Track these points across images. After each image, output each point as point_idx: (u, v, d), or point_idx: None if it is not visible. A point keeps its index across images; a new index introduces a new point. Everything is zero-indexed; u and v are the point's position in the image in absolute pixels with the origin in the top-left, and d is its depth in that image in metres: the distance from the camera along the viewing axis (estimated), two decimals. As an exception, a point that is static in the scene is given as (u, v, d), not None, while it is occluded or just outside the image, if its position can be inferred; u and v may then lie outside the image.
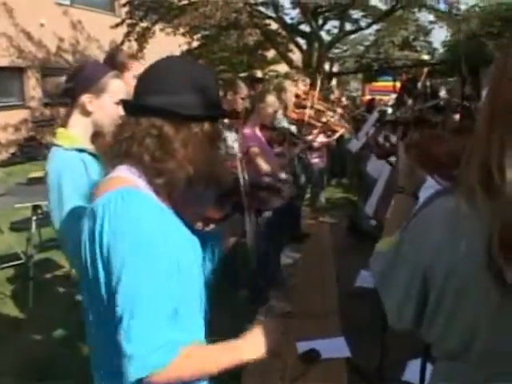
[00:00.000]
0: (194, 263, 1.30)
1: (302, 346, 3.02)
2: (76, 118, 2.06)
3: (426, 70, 8.94)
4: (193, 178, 1.24)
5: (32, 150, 13.47)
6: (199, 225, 1.40)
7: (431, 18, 14.86)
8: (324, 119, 6.81)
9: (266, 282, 3.91)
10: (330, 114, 7.74)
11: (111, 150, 1.27)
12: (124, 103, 1.34)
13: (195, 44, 15.91)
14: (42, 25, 14.32)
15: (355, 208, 6.71)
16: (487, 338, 0.93)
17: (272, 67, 20.20)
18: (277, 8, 13.87)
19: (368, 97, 19.42)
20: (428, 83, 9.04)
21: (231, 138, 4.35)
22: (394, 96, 19.98)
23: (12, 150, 13.77)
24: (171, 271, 1.15)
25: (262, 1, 11.07)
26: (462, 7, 13.46)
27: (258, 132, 4.29)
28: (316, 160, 6.65)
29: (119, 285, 1.09)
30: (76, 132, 2.05)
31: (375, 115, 5.46)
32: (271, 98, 4.40)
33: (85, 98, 2.02)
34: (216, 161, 1.35)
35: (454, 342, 0.99)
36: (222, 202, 1.50)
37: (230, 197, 1.51)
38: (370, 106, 15.78)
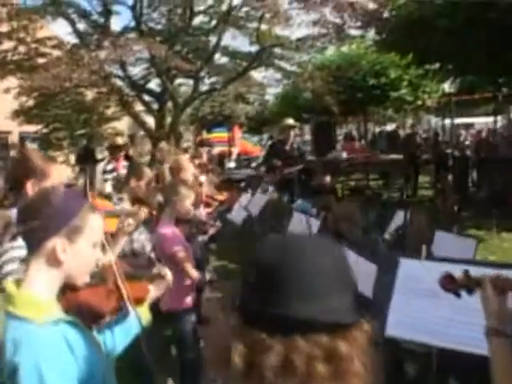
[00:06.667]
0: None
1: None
2: (38, 270, 1.44)
3: (292, 132, 9.02)
4: None
5: None
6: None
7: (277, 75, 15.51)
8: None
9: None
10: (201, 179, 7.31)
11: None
12: (248, 312, 0.99)
13: (31, 103, 14.19)
14: None
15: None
16: None
17: (110, 124, 19.12)
18: (124, 66, 13.13)
19: (216, 150, 19.53)
20: (295, 145, 9.17)
21: (145, 236, 3.84)
22: (235, 149, 20.67)
23: None
24: None
25: (111, 58, 10.24)
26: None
27: (176, 230, 3.73)
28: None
29: None
30: (39, 292, 1.44)
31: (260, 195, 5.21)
32: (184, 191, 3.75)
33: (56, 245, 1.43)
34: None
35: None
36: None
37: None
38: (222, 159, 16.13)
